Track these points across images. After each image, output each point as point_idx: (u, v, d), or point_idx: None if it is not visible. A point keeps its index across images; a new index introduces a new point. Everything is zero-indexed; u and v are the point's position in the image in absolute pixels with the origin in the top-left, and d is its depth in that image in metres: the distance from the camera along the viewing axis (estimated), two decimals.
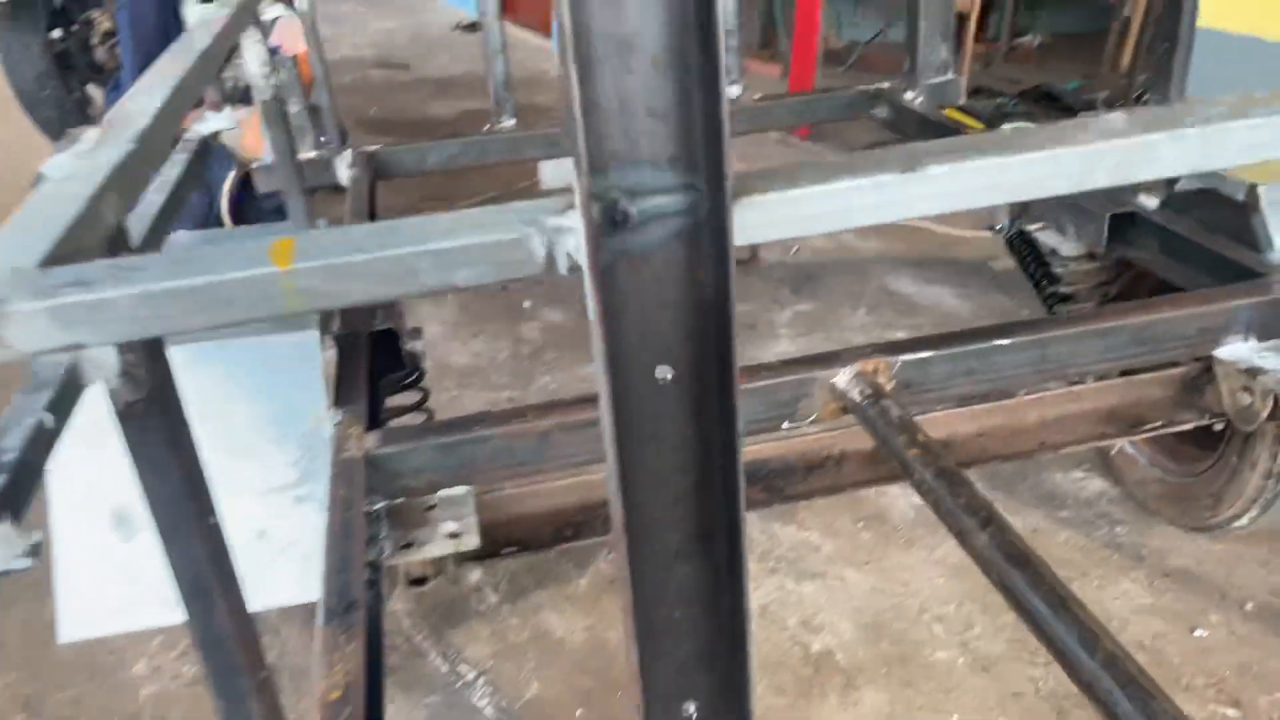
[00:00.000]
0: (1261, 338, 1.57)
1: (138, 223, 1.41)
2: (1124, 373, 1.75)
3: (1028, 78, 5.94)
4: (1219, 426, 2.05)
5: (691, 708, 0.57)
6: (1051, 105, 3.96)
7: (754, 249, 3.63)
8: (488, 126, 2.80)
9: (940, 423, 1.66)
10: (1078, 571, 2.04)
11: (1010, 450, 1.66)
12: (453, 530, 1.35)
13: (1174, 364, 1.74)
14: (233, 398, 1.44)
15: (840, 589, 1.99)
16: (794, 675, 1.80)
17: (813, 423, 1.50)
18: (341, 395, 1.50)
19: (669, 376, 0.48)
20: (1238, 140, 0.74)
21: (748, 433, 1.51)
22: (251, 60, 1.36)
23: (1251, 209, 1.67)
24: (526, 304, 3.16)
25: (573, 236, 0.44)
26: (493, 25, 2.69)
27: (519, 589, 2.00)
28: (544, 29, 7.05)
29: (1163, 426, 1.68)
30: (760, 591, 1.98)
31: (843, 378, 1.47)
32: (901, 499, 2.24)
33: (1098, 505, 2.24)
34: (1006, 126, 2.41)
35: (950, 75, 2.91)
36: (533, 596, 1.98)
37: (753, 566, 2.05)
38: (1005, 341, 1.51)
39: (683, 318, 0.46)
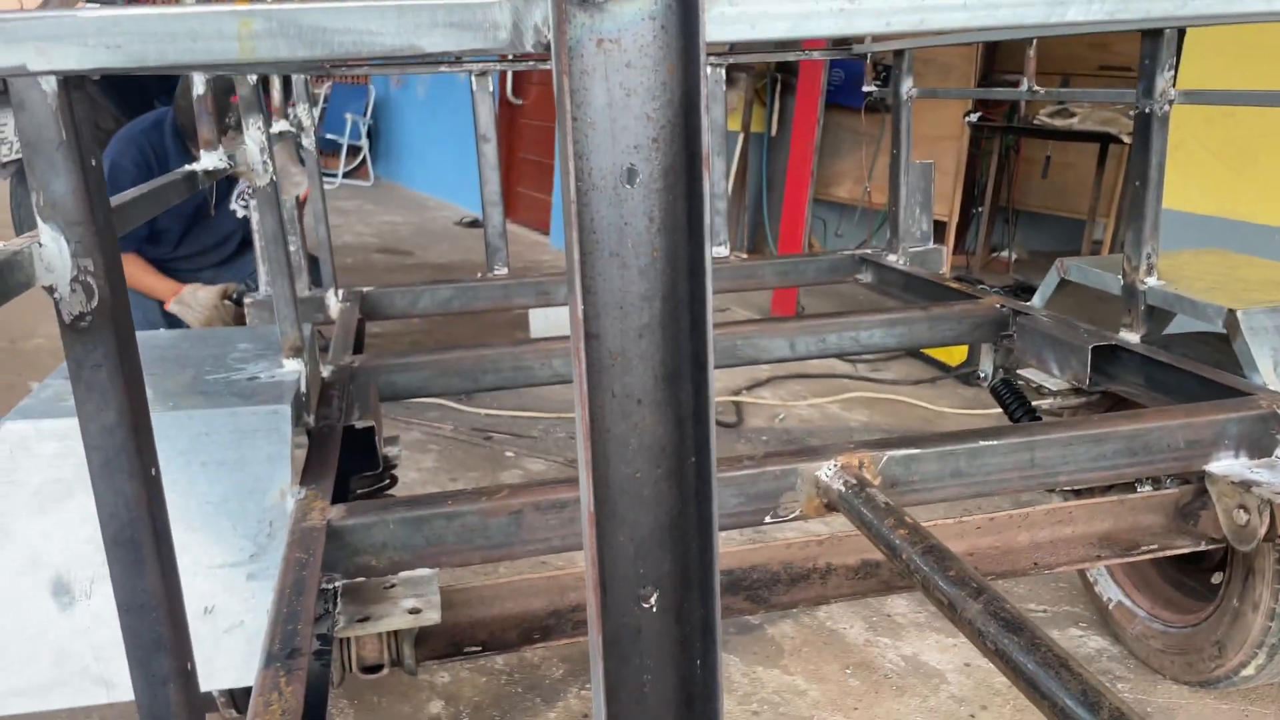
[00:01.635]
0: (1251, 455, 1.55)
1: None
2: (1115, 489, 1.72)
3: (1004, 281, 6.16)
4: (1216, 579, 2.00)
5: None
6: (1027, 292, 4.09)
7: (740, 414, 3.63)
8: (481, 274, 2.86)
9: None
10: None
11: (1001, 569, 1.59)
12: (413, 606, 1.26)
13: (1164, 479, 1.71)
14: (194, 469, 1.39)
15: None
16: None
17: (796, 518, 1.44)
18: (309, 476, 1.45)
19: (636, 180, 0.46)
20: None
21: (730, 526, 1.45)
22: (251, 142, 1.40)
23: (1232, 333, 1.69)
24: (509, 453, 3.12)
25: (541, 7, 0.43)
26: (491, 177, 2.80)
27: None
28: (540, 226, 7.37)
29: (1157, 550, 1.62)
30: None
31: (827, 471, 1.43)
32: (891, 650, 2.13)
33: (1098, 663, 2.12)
34: None
35: (931, 245, 3.03)
36: None
37: (734, 709, 1.91)
38: (994, 443, 1.49)
39: (650, 110, 0.45)
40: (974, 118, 5.74)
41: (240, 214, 3.41)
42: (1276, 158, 2.85)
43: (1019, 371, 2.22)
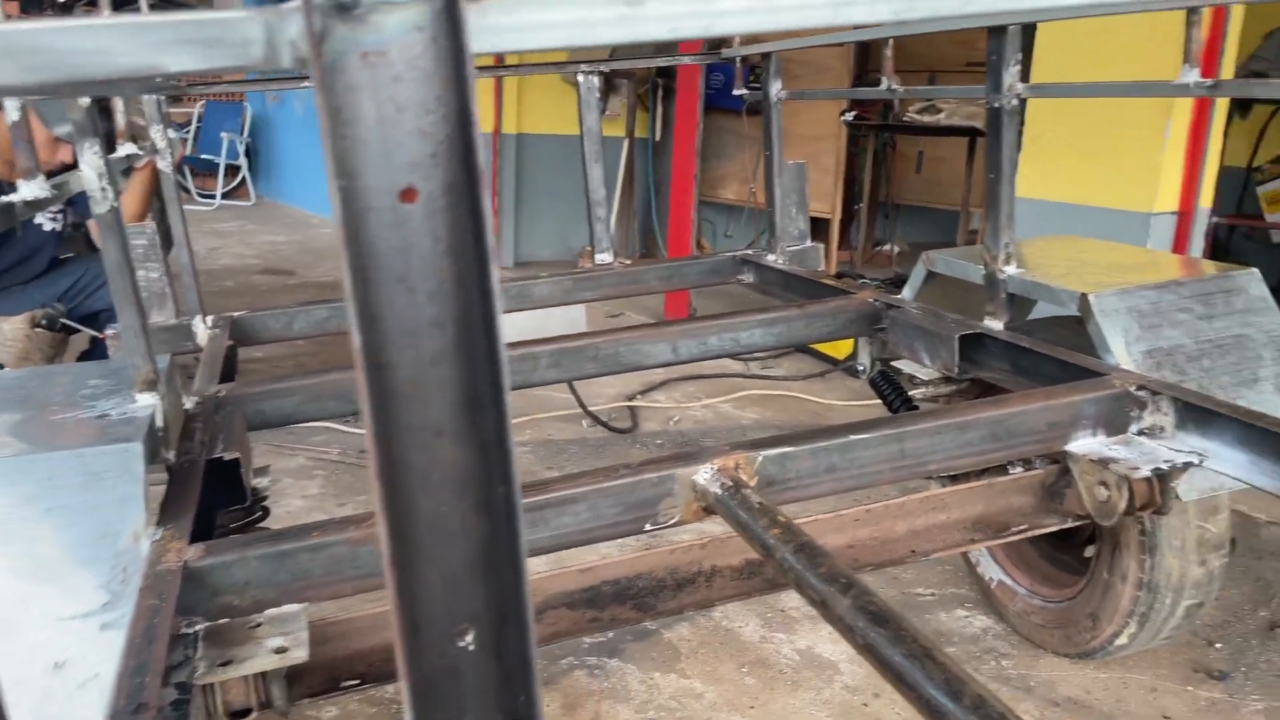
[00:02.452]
0: (1109, 433, 1.61)
1: None
2: (989, 472, 1.77)
3: (885, 274, 6.32)
4: (1088, 553, 2.08)
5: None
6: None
7: (635, 418, 3.63)
8: None
9: (811, 533, 1.61)
10: None
11: (880, 559, 1.62)
12: (280, 645, 1.21)
13: (1030, 462, 1.77)
14: (39, 516, 1.30)
15: None
16: None
17: (676, 524, 1.44)
18: (167, 516, 1.38)
19: (418, 199, 0.44)
20: None
21: (609, 536, 1.44)
22: (88, 169, 1.33)
23: (1085, 316, 1.76)
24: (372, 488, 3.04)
25: (296, 21, 0.41)
26: None
27: None
28: None
29: (1028, 530, 1.67)
30: None
31: (704, 475, 1.43)
32: (786, 645, 2.15)
33: (984, 641, 2.18)
34: None
35: (808, 243, 3.08)
36: None
37: (631, 716, 1.90)
38: (865, 436, 1.51)
39: (426, 125, 0.43)
40: (849, 117, 5.89)
41: (48, 227, 3.22)
42: (1125, 146, 3.00)
43: (894, 363, 2.27)
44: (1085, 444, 1.59)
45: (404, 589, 0.47)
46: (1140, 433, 1.59)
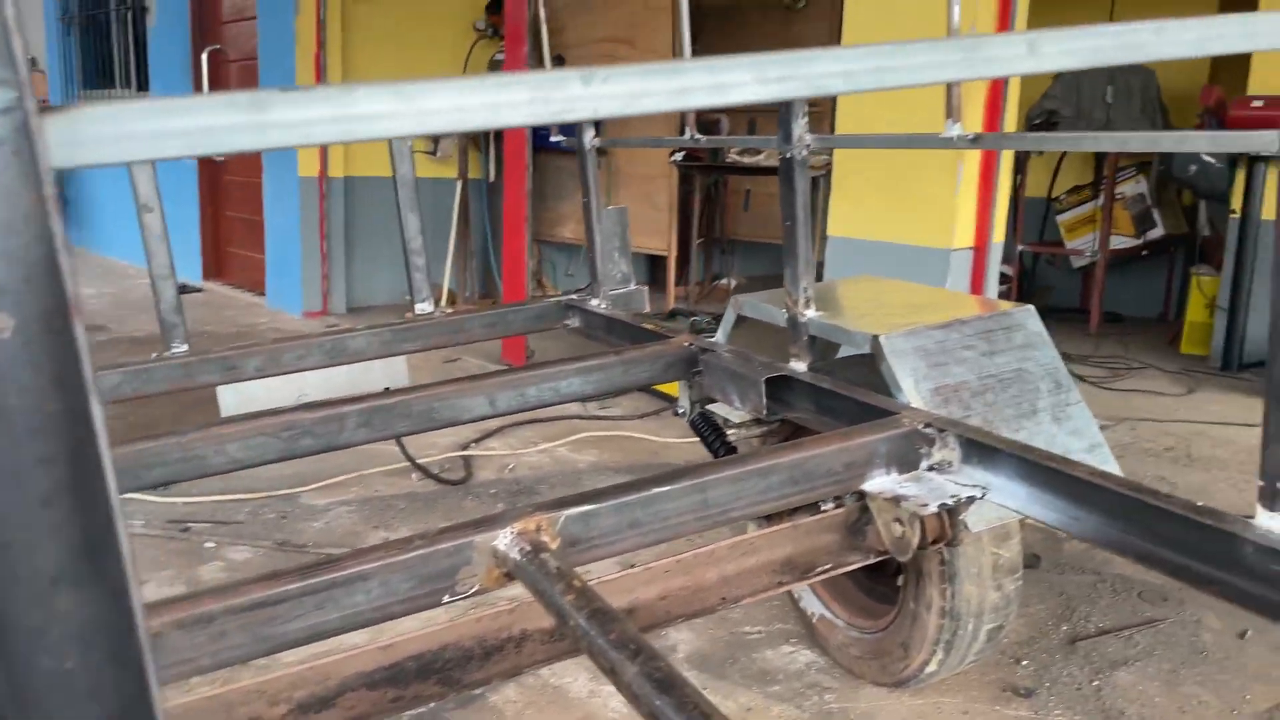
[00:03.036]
0: (901, 470, 1.67)
1: None
2: (800, 511, 1.80)
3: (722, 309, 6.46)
4: (900, 581, 2.15)
5: None
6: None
7: (469, 468, 3.56)
8: (156, 354, 2.62)
9: (622, 588, 1.60)
10: None
11: (693, 609, 1.62)
12: None
13: (841, 499, 1.81)
14: None
15: None
16: None
17: (476, 593, 1.40)
18: None
19: (14, 329, 0.40)
20: None
21: (405, 612, 1.38)
22: None
23: (878, 357, 1.83)
24: (210, 544, 2.87)
25: None
26: (158, 249, 2.58)
27: None
28: (255, 287, 6.97)
29: (832, 569, 1.71)
30: None
31: (503, 540, 1.39)
32: (614, 698, 2.12)
33: (808, 676, 2.22)
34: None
35: (633, 286, 3.11)
36: None
37: None
38: (667, 488, 1.51)
39: (14, 248, 0.39)
40: (679, 157, 6.02)
41: None
42: (924, 187, 3.17)
43: (710, 406, 2.31)
44: (880, 482, 1.64)
45: None
46: (930, 468, 1.66)
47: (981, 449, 1.60)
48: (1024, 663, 2.27)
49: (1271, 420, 1.16)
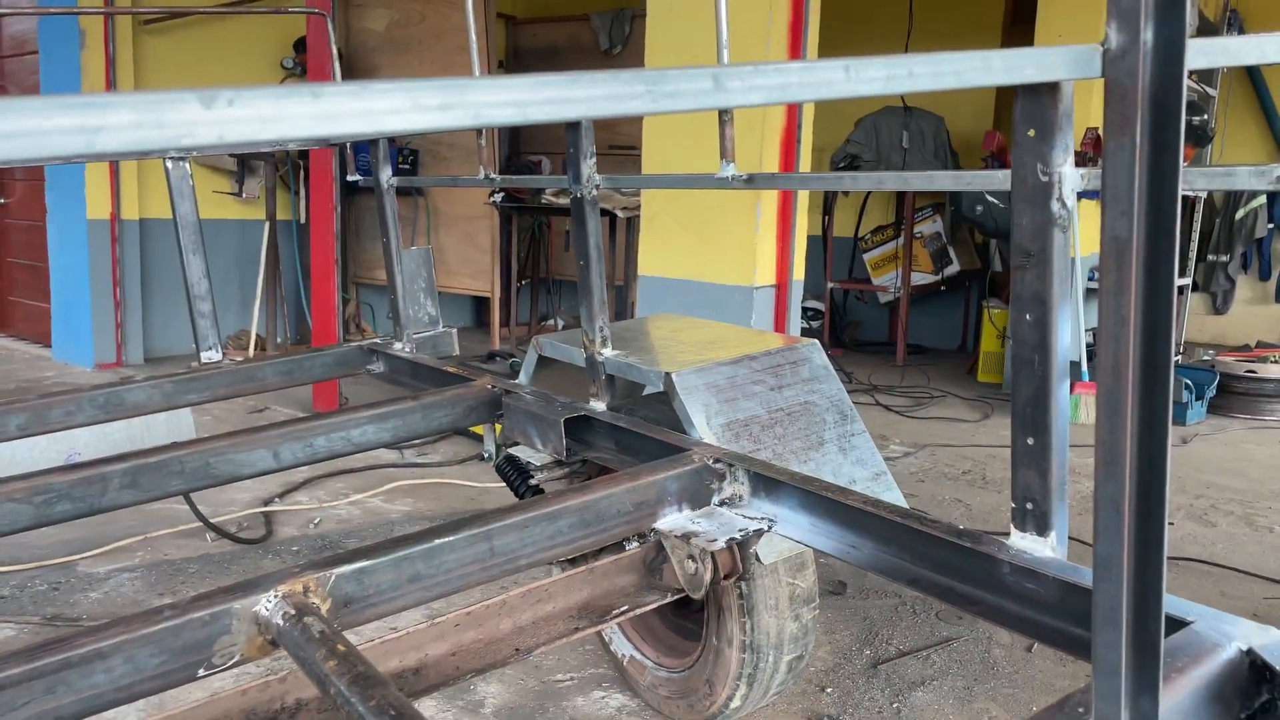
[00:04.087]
0: (693, 506, 1.67)
1: None
2: (606, 551, 1.77)
3: None
4: (705, 617, 2.15)
5: None
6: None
7: (269, 524, 3.36)
8: None
9: (409, 645, 1.53)
10: None
11: (485, 663, 1.56)
12: None
13: (645, 536, 1.79)
14: None
15: None
16: None
17: (236, 664, 1.29)
18: None
19: None
20: None
21: (154, 690, 1.26)
22: None
23: (671, 394, 1.83)
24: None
25: None
26: None
27: None
28: (41, 339, 6.43)
29: (629, 610, 1.68)
30: None
31: (266, 605, 1.29)
32: None
33: None
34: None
35: (439, 329, 3.03)
36: None
37: None
38: (450, 539, 1.45)
39: None
40: (498, 198, 5.98)
41: None
42: (726, 227, 3.25)
43: (513, 449, 2.26)
44: (671, 520, 1.63)
45: None
46: (721, 503, 1.67)
47: (768, 482, 1.62)
48: (828, 690, 2.31)
49: (1017, 446, 1.22)
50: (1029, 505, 1.24)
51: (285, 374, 2.83)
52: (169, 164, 2.60)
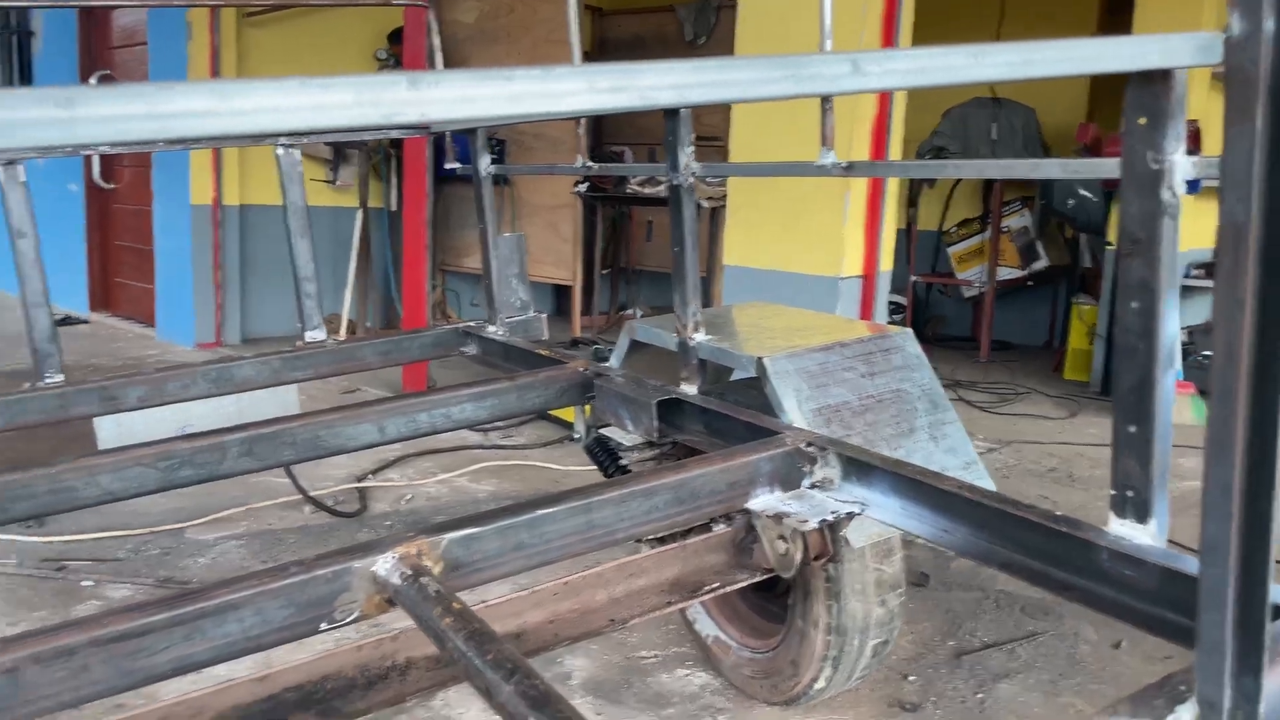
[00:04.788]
0: (784, 488, 1.71)
1: None
2: (693, 531, 1.82)
3: None
4: (789, 600, 2.18)
5: None
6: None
7: (364, 500, 3.49)
8: (30, 385, 2.51)
9: (509, 612, 1.60)
10: None
11: (581, 631, 1.62)
12: None
13: (731, 518, 1.83)
14: None
15: None
16: None
17: (356, 620, 1.37)
18: None
19: None
20: None
21: (280, 641, 1.35)
22: None
23: (762, 379, 1.87)
24: (88, 582, 2.74)
25: None
26: (32, 274, 2.48)
27: None
28: (145, 318, 6.73)
29: (720, 587, 1.73)
30: None
31: (383, 565, 1.37)
32: None
33: (702, 698, 2.23)
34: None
35: (531, 314, 3.11)
36: None
37: None
38: (552, 510, 1.51)
39: None
40: (582, 188, 6.06)
41: None
42: (813, 217, 3.26)
43: (604, 430, 2.32)
44: (763, 500, 1.67)
45: None
46: (812, 486, 1.70)
47: (859, 466, 1.65)
48: (910, 678, 2.32)
49: (1118, 433, 1.23)
50: (1129, 493, 1.24)
51: (384, 354, 2.94)
52: (280, 151, 2.72)
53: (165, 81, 0.44)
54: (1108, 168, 1.31)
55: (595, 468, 3.73)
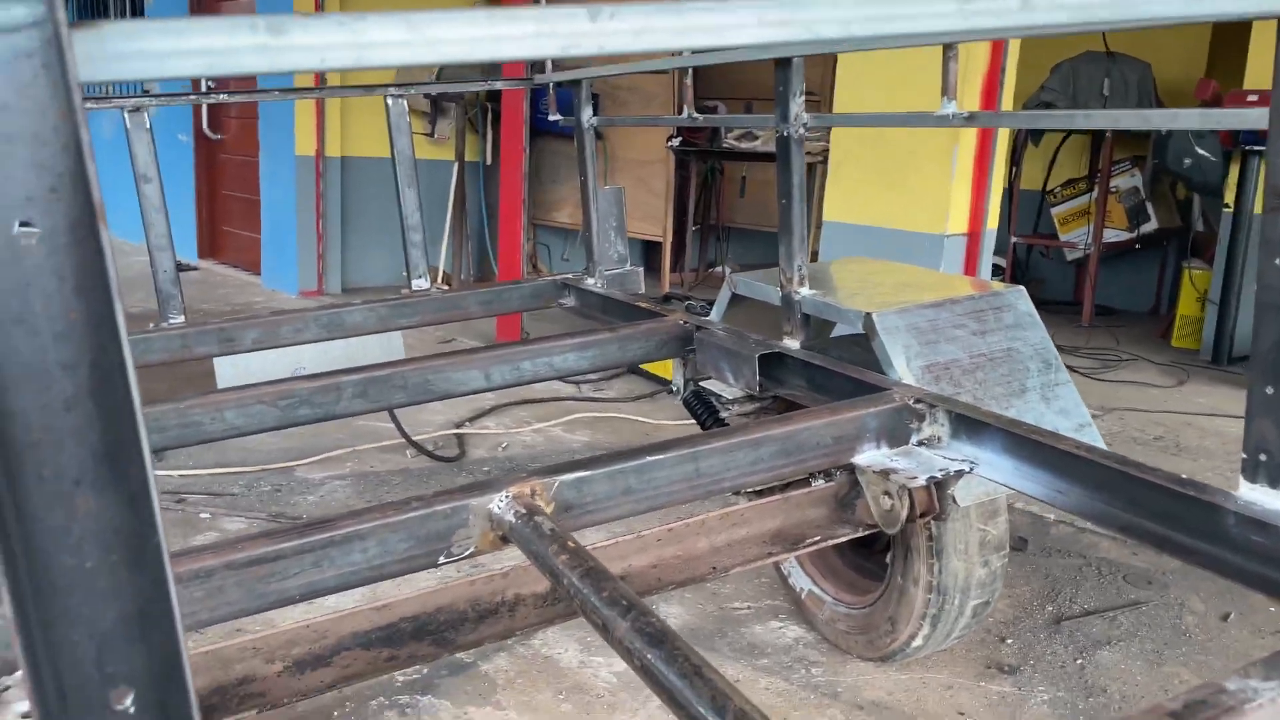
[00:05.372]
0: (891, 444, 1.69)
1: None
2: (792, 485, 1.82)
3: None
4: (888, 559, 2.17)
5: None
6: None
7: (462, 446, 3.57)
8: (154, 325, 2.64)
9: (614, 555, 1.63)
10: (779, 715, 2.00)
11: (684, 577, 1.64)
12: (26, 710, 1.12)
13: (830, 474, 1.83)
14: None
15: None
16: None
17: (471, 555, 1.42)
18: None
19: (37, 236, 0.41)
20: None
21: (401, 572, 1.40)
22: None
23: (870, 334, 1.85)
24: (205, 515, 2.88)
25: None
26: (156, 220, 2.59)
27: None
28: (251, 266, 6.96)
29: (822, 541, 1.73)
30: None
31: (498, 504, 1.41)
32: (604, 668, 2.15)
33: (795, 650, 2.25)
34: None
35: (628, 267, 3.12)
36: None
37: None
38: (661, 457, 1.53)
39: (43, 158, 0.40)
40: (676, 142, 6.02)
41: None
42: (919, 173, 3.19)
43: (704, 383, 2.33)
44: (869, 456, 1.66)
45: (45, 653, 0.44)
46: (920, 443, 1.68)
47: (970, 424, 1.62)
48: (1008, 641, 2.30)
49: (1255, 395, 1.18)
50: (1262, 456, 1.20)
51: (486, 304, 3.00)
52: (389, 101, 2.77)
53: (359, 13, 0.46)
54: (1253, 118, 1.25)
55: (688, 421, 3.75)
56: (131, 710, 0.46)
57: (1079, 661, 2.21)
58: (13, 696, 1.15)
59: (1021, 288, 1.98)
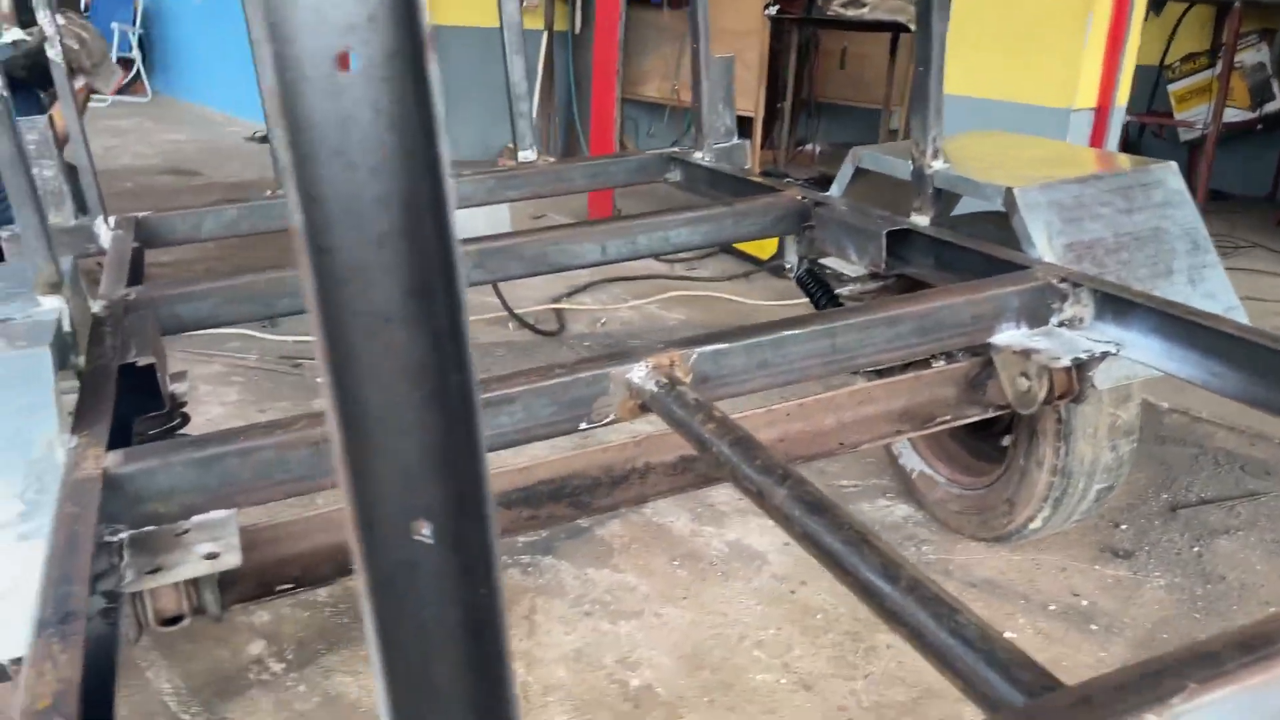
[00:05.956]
0: (1031, 325, 1.65)
1: None
2: (912, 366, 1.80)
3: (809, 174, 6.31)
4: (1005, 442, 2.15)
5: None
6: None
7: (561, 320, 3.61)
8: (271, 192, 2.67)
9: (746, 428, 1.64)
10: None
11: (811, 452, 1.65)
12: (210, 551, 1.18)
13: (953, 356, 1.80)
14: None
15: (658, 625, 1.90)
16: (612, 712, 1.68)
17: (611, 422, 1.44)
18: (82, 423, 1.32)
19: (355, 66, 0.41)
20: None
21: (545, 435, 1.43)
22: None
23: (1010, 210, 1.78)
24: (321, 379, 2.97)
25: None
26: None
27: (307, 655, 1.79)
28: None
29: (951, 420, 1.71)
30: (574, 635, 1.86)
31: (638, 373, 1.42)
32: (716, 538, 2.19)
33: (904, 529, 2.27)
34: None
35: (735, 140, 3.04)
36: (323, 661, 1.78)
37: (566, 611, 1.93)
38: (797, 332, 1.52)
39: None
40: (773, 10, 5.78)
41: None
42: (1047, 42, 3.01)
43: (821, 261, 2.29)
44: (1008, 336, 1.63)
45: (357, 483, 0.45)
46: (1061, 324, 1.64)
47: (1117, 305, 1.57)
48: (1123, 526, 2.28)
49: None
50: None
51: (591, 177, 2.97)
52: None
53: None
54: None
55: (781, 301, 3.71)
56: (429, 541, 0.48)
57: (1195, 549, 2.19)
58: (193, 539, 1.22)
59: (1173, 163, 1.88)
